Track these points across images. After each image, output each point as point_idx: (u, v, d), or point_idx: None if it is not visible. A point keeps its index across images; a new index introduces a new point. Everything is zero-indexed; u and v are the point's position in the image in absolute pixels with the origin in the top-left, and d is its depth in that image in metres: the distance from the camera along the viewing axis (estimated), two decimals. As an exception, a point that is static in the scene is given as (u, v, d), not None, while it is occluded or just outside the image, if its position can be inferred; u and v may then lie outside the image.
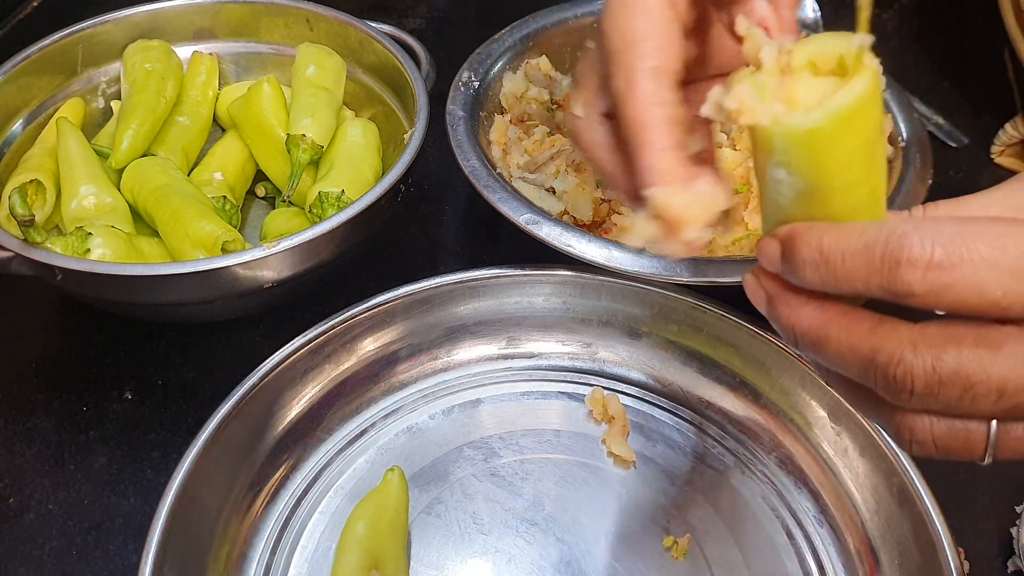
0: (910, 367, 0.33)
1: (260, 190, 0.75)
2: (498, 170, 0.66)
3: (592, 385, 0.64)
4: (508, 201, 0.63)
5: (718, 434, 0.61)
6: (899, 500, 0.54)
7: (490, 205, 0.63)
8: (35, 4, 0.97)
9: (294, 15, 0.78)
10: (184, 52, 0.77)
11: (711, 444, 0.61)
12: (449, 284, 0.62)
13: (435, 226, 0.77)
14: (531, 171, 0.68)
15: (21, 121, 0.72)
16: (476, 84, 0.72)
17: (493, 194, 0.63)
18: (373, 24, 0.76)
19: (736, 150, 0.71)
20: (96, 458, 0.60)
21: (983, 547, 0.57)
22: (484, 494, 0.58)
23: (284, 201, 0.69)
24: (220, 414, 0.54)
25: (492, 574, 0.54)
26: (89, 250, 0.60)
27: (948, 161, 0.83)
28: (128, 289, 0.59)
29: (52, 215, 0.67)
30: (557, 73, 0.77)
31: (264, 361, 0.57)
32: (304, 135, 0.68)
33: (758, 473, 0.59)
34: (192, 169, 0.73)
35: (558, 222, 0.62)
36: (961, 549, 0.53)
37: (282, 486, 0.58)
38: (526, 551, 0.55)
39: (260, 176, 0.75)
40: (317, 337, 0.59)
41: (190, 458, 0.52)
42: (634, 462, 0.60)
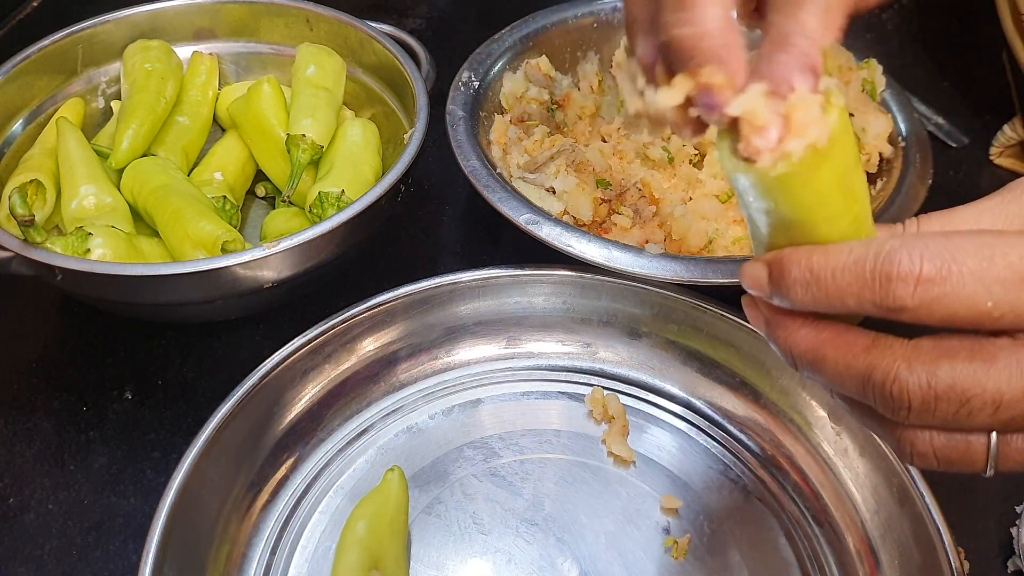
0: (905, 384, 0.33)
1: (260, 190, 0.75)
2: (498, 170, 0.66)
3: (592, 385, 0.64)
4: (508, 201, 0.63)
5: (718, 434, 0.61)
6: (899, 500, 0.54)
7: (490, 205, 0.63)
8: (35, 4, 0.97)
9: (294, 15, 0.78)
10: (184, 52, 0.77)
11: (711, 444, 0.61)
12: (449, 284, 0.62)
13: (435, 226, 0.77)
14: (531, 171, 0.68)
15: (21, 121, 0.72)
16: (476, 84, 0.72)
17: (493, 194, 0.63)
18: (373, 24, 0.76)
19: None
20: (96, 458, 0.60)
21: (983, 547, 0.57)
22: (484, 494, 0.58)
23: (284, 201, 0.69)
24: (220, 414, 0.54)
25: (492, 574, 0.54)
26: (89, 250, 0.60)
27: (948, 161, 0.83)
28: (128, 289, 0.59)
29: (52, 215, 0.67)
30: (557, 73, 0.77)
31: (264, 361, 0.57)
32: (304, 135, 0.68)
33: (758, 473, 0.59)
34: (192, 169, 0.73)
35: (558, 222, 0.62)
36: (961, 549, 0.53)
37: (282, 486, 0.58)
38: (526, 551, 0.55)
39: (260, 176, 0.75)
40: (317, 337, 0.59)
41: (190, 458, 0.52)
42: (634, 462, 0.60)
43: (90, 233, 0.60)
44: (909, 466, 0.53)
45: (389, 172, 0.63)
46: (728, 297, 0.60)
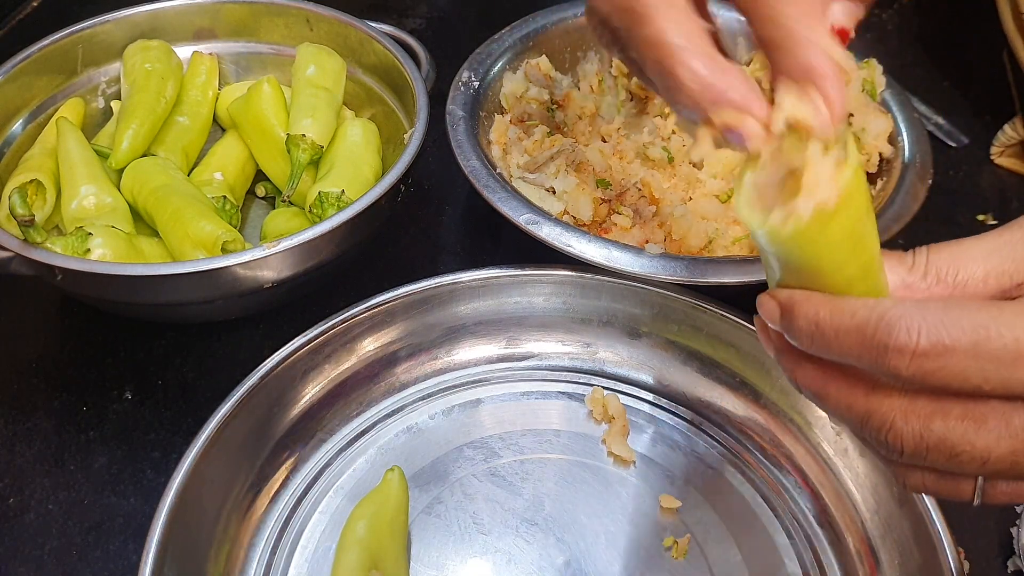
0: (900, 433, 0.35)
1: (260, 190, 0.75)
2: (498, 170, 0.66)
3: (592, 385, 0.64)
4: (508, 201, 0.63)
5: (718, 434, 0.61)
6: (899, 500, 0.54)
7: (490, 205, 0.63)
8: (35, 4, 0.97)
9: (294, 15, 0.78)
10: (184, 52, 0.77)
11: (711, 444, 0.61)
12: (449, 284, 0.62)
13: (435, 226, 0.77)
14: (531, 171, 0.68)
15: (21, 121, 0.72)
16: (476, 84, 0.72)
17: (493, 194, 0.63)
18: (373, 24, 0.76)
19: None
20: (96, 458, 0.60)
21: (983, 547, 0.57)
22: (484, 494, 0.58)
23: (284, 201, 0.69)
24: (220, 414, 0.54)
25: (492, 574, 0.54)
26: (89, 250, 0.60)
27: (948, 161, 0.83)
28: (128, 289, 0.59)
29: (52, 215, 0.67)
30: (557, 73, 0.77)
31: (264, 361, 0.57)
32: (304, 135, 0.68)
33: (758, 473, 0.59)
34: (192, 169, 0.73)
35: (558, 222, 0.62)
36: (961, 549, 0.53)
37: (282, 486, 0.58)
38: (526, 551, 0.55)
39: (260, 176, 0.75)
40: (317, 337, 0.59)
41: (190, 458, 0.52)
42: (634, 462, 0.60)
43: (90, 233, 0.60)
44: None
45: (389, 172, 0.63)
46: (728, 297, 0.60)
